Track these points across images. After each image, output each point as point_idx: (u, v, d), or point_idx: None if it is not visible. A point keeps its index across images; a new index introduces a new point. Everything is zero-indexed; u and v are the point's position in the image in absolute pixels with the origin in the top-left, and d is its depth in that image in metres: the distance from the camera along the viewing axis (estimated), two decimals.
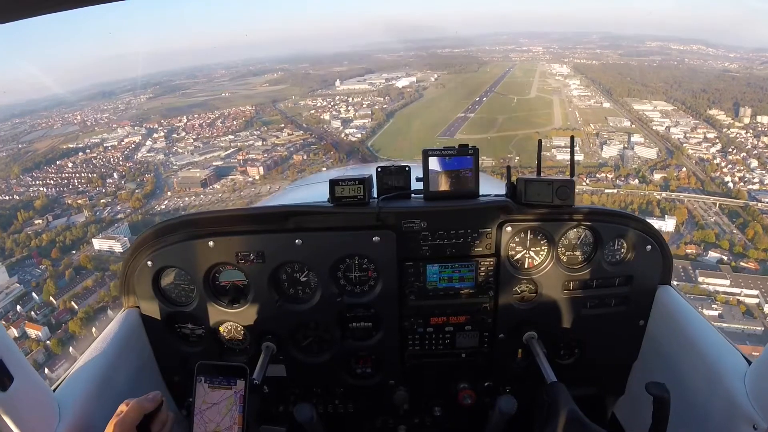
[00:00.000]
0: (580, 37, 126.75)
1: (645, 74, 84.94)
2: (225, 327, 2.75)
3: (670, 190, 50.28)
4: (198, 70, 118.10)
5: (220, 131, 72.92)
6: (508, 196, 2.57)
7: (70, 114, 75.59)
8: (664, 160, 56.35)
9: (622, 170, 55.01)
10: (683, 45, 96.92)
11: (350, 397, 2.99)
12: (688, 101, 69.55)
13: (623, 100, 74.35)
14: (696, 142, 58.17)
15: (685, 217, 45.64)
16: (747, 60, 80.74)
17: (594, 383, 2.97)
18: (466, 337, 2.79)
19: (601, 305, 2.73)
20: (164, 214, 53.81)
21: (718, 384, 2.12)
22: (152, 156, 64.72)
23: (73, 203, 53.57)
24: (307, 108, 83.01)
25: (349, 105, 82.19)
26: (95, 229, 49.51)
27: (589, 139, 63.13)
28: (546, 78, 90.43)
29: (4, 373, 1.65)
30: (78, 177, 58.55)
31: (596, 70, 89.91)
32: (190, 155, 66.15)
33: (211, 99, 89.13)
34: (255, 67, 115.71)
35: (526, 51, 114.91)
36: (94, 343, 2.39)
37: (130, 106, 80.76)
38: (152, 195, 57.90)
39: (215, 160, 64.81)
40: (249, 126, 76.16)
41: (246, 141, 70.18)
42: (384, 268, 2.59)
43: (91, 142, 67.12)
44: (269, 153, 66.28)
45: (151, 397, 1.77)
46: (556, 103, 77.44)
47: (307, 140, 70.90)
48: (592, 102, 76.20)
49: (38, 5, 1.20)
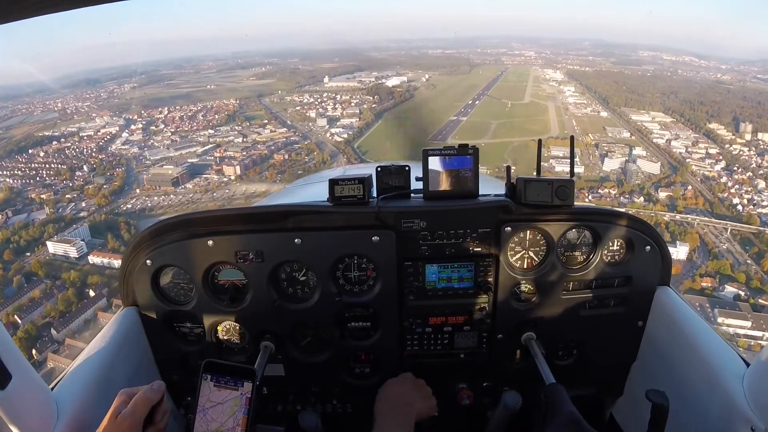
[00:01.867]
0: (572, 44, 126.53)
1: (641, 84, 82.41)
2: (223, 326, 2.68)
3: (677, 211, 45.92)
4: (187, 61, 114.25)
5: (201, 125, 68.76)
6: (507, 196, 2.48)
7: (52, 101, 72.75)
8: (668, 176, 52.58)
9: (625, 186, 50.58)
10: (675, 56, 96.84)
11: (349, 397, 2.89)
12: (686, 113, 66.90)
13: (621, 110, 71.25)
14: (699, 158, 54.83)
15: (697, 243, 41.51)
16: (739, 72, 79.37)
17: (592, 384, 2.88)
18: (464, 338, 2.70)
19: (600, 306, 2.65)
20: (129, 214, 49.59)
21: (717, 385, 2.08)
22: (126, 149, 61.85)
23: (36, 198, 50.12)
24: (293, 104, 78.44)
25: (337, 103, 77.53)
26: (53, 229, 44.99)
27: (588, 150, 58.99)
28: (540, 83, 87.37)
29: (2, 371, 1.61)
30: (47, 168, 55.64)
31: (591, 78, 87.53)
32: (166, 150, 61.86)
33: (196, 91, 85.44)
34: (244, 60, 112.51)
35: (519, 55, 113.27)
36: (92, 341, 2.33)
37: (112, 95, 78.26)
38: (120, 191, 53.59)
39: (191, 156, 60.06)
40: (231, 120, 71.57)
41: (226, 137, 65.57)
42: (383, 267, 2.53)
43: (68, 130, 64.57)
44: (248, 151, 60.88)
45: (156, 388, 1.70)
46: (551, 110, 73.86)
47: (290, 138, 65.97)
48: (588, 110, 72.96)
49: (38, 5, 1.19)
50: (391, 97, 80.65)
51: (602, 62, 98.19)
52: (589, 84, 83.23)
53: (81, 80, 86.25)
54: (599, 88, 79.74)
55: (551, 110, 73.43)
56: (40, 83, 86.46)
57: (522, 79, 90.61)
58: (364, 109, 74.71)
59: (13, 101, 70.47)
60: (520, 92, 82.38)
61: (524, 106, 76.51)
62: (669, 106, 69.69)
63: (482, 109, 76.19)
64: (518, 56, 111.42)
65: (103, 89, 79.50)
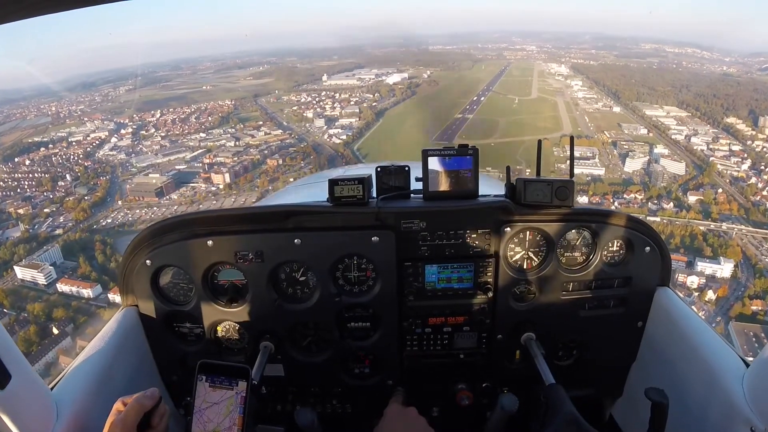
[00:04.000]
0: (572, 38, 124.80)
1: (649, 77, 78.98)
2: (223, 326, 2.63)
3: (711, 218, 39.91)
4: (185, 61, 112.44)
5: (193, 128, 65.06)
6: (507, 197, 2.43)
7: (47, 105, 70.79)
8: (695, 177, 47.06)
9: (652, 190, 44.51)
10: (678, 48, 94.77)
11: (348, 398, 2.85)
12: (701, 107, 62.91)
13: (633, 105, 66.58)
14: (722, 156, 49.82)
15: (739, 257, 35.90)
16: (743, 65, 76.85)
17: (592, 385, 2.83)
18: (464, 338, 2.64)
19: (600, 306, 2.59)
20: (107, 230, 45.14)
21: (716, 386, 2.05)
22: (114, 155, 58.60)
23: (13, 212, 46.94)
24: (290, 104, 73.77)
25: (336, 101, 72.73)
26: (24, 250, 40.87)
27: (606, 149, 53.25)
28: (545, 78, 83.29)
29: (2, 371, 1.59)
30: (29, 179, 52.40)
31: (597, 71, 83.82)
32: (154, 156, 58.00)
33: (191, 92, 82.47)
34: (242, 59, 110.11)
35: (520, 50, 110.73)
36: (92, 341, 2.30)
37: (107, 99, 76.18)
38: (102, 203, 49.40)
39: (179, 162, 55.22)
40: (224, 123, 67.34)
41: (218, 140, 60.69)
42: (383, 268, 2.47)
43: (57, 136, 61.84)
44: (240, 156, 55.20)
45: (149, 395, 1.69)
46: (561, 106, 68.92)
47: (285, 141, 60.65)
48: (599, 105, 68.15)
49: (38, 5, 1.18)
50: (392, 95, 76.49)
51: (605, 55, 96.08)
52: (597, 78, 79.49)
53: (77, 83, 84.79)
54: (607, 81, 75.81)
55: (561, 106, 68.75)
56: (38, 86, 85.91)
57: (526, 74, 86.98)
58: (364, 107, 69.97)
59: (9, 105, 69.20)
60: (526, 87, 78.15)
61: (532, 102, 71.94)
62: (683, 99, 65.77)
63: (489, 106, 71.58)
64: (520, 51, 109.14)
65: (98, 92, 76.86)
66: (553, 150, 51.36)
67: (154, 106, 71.37)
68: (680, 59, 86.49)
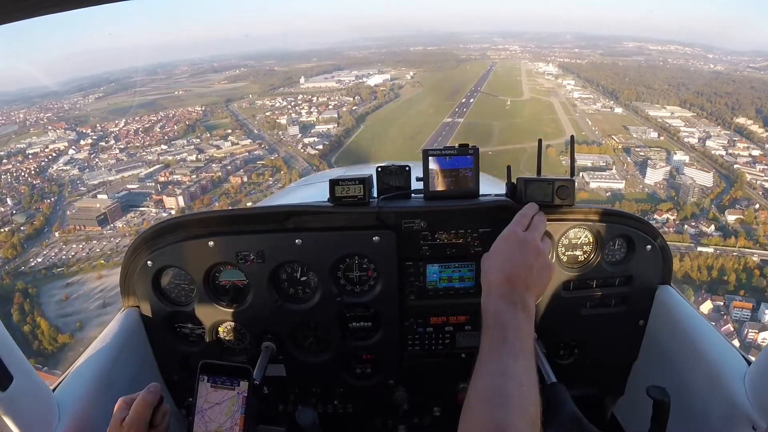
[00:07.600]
0: (553, 37, 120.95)
1: (640, 75, 72.74)
2: (224, 327, 2.54)
3: (760, 244, 31.08)
4: (161, 66, 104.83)
5: (155, 138, 56.81)
6: (508, 196, 2.31)
7: (16, 112, 65.01)
8: (726, 190, 38.98)
9: (686, 209, 35.65)
10: (660, 45, 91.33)
11: (350, 397, 2.77)
12: (706, 107, 55.88)
13: (634, 105, 58.92)
14: (745, 162, 42.17)
15: None
16: (729, 63, 73.40)
17: (594, 383, 2.73)
18: (465, 337, 2.54)
19: (601, 305, 2.50)
20: (33, 275, 35.79)
21: (718, 384, 1.98)
22: (66, 170, 51.45)
23: None
24: (263, 109, 64.49)
25: (313, 105, 63.52)
26: None
27: (619, 156, 44.67)
28: (535, 77, 75.90)
29: (4, 372, 1.54)
30: None
31: (587, 70, 77.65)
32: (107, 172, 50.15)
33: (162, 98, 75.29)
34: (219, 63, 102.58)
35: (503, 49, 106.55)
36: (93, 342, 2.23)
37: (74, 107, 69.23)
38: (37, 236, 40.55)
39: (132, 180, 46.41)
40: (190, 131, 57.95)
41: (179, 153, 51.25)
42: (384, 267, 2.39)
43: (16, 147, 55.70)
44: (198, 174, 45.54)
45: (152, 390, 1.63)
46: (557, 108, 60.86)
47: (254, 152, 51.18)
48: (599, 106, 60.29)
49: (38, 5, 1.13)
50: (374, 98, 67.79)
51: (590, 54, 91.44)
52: (589, 76, 72.67)
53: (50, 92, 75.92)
54: (601, 80, 68.73)
55: (557, 107, 60.87)
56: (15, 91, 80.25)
57: (514, 74, 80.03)
58: (343, 112, 61.08)
59: None
60: (516, 88, 70.68)
61: (526, 103, 64.17)
62: (684, 98, 58.95)
63: (479, 108, 63.50)
64: (503, 50, 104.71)
65: (67, 100, 70.27)
66: (561, 159, 42.57)
67: (120, 114, 64.00)
68: (665, 56, 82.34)
